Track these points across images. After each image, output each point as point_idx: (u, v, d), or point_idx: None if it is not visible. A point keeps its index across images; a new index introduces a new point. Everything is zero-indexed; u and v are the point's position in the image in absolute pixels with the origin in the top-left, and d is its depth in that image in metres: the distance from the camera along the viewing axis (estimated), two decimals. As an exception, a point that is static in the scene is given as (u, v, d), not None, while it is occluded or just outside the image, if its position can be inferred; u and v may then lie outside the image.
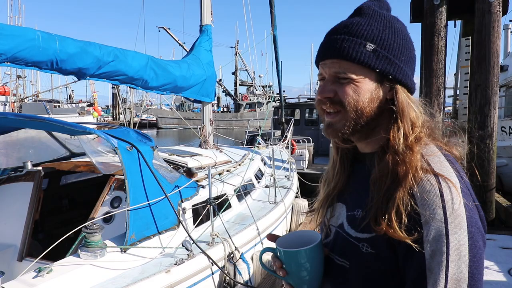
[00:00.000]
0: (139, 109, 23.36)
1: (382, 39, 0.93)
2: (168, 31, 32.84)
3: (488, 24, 6.16)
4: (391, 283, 0.89)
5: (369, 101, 0.93)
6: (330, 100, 0.95)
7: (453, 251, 0.79)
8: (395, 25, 0.96)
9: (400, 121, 0.92)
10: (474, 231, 0.82)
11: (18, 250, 3.51)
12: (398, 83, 0.95)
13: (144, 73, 4.71)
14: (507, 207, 6.78)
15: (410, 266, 0.84)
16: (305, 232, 1.07)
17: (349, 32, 0.93)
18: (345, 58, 0.92)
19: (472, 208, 0.84)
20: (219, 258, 3.64)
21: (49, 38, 3.61)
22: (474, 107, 6.40)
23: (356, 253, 0.93)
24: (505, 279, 4.14)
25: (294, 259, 0.98)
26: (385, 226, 0.84)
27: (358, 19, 0.96)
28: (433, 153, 0.90)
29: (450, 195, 0.82)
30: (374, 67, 0.92)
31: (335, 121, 0.96)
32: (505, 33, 15.97)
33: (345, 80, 0.93)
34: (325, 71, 0.97)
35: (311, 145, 12.11)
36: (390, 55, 0.93)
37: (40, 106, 31.19)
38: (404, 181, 0.85)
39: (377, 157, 0.94)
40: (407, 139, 0.90)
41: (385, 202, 0.86)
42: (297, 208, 6.70)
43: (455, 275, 0.79)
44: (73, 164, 4.18)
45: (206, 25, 6.39)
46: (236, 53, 47.33)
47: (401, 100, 0.94)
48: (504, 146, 9.85)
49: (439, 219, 0.81)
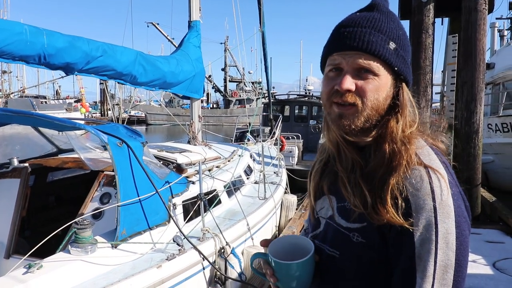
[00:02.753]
0: (128, 105, 23.13)
1: (400, 39, 0.95)
2: (157, 27, 32.52)
3: (474, 22, 6.24)
4: (381, 271, 0.91)
5: (384, 99, 0.95)
6: (349, 92, 0.94)
7: (442, 239, 0.83)
8: (402, 25, 0.99)
9: (400, 115, 0.95)
10: (461, 220, 0.86)
11: (5, 248, 3.47)
12: (405, 82, 0.98)
13: (133, 69, 4.67)
14: (493, 202, 6.92)
15: (400, 254, 0.87)
16: (298, 239, 1.08)
17: (374, 26, 0.93)
18: (371, 53, 0.92)
19: (459, 198, 0.88)
20: (210, 253, 3.65)
21: (37, 32, 3.55)
22: (461, 103, 6.50)
23: (347, 243, 0.96)
24: (491, 272, 4.24)
25: (286, 270, 1.00)
26: (383, 212, 0.87)
27: (377, 15, 0.96)
28: (422, 147, 0.93)
29: (439, 186, 0.86)
30: (394, 66, 0.94)
31: (348, 113, 0.94)
32: (492, 31, 16.23)
33: (368, 74, 0.93)
34: (346, 62, 0.94)
35: (300, 142, 12.16)
36: (406, 56, 0.96)
37: (26, 102, 30.63)
38: (398, 168, 0.88)
39: (373, 148, 0.97)
40: (404, 132, 0.94)
41: (379, 188, 0.89)
42: (287, 203, 6.74)
43: (443, 261, 0.83)
44: (61, 161, 4.14)
45: (195, 21, 6.36)
46: (225, 49, 47.13)
47: (405, 97, 0.97)
48: (490, 143, 10.02)
49: (429, 209, 0.84)
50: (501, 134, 9.77)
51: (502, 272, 4.22)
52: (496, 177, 10.59)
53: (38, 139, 4.53)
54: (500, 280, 4.02)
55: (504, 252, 4.80)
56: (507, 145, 9.75)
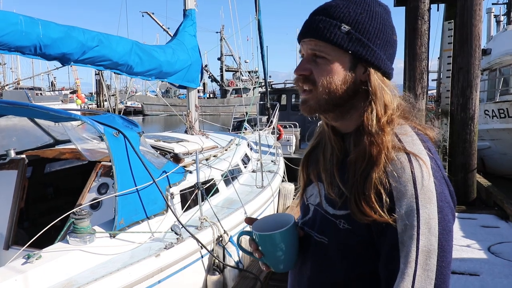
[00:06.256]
0: (124, 96, 23.03)
1: (357, 22, 0.94)
2: (152, 16, 32.25)
3: (470, 7, 6.22)
4: (368, 257, 0.92)
5: (341, 83, 0.95)
6: (305, 77, 0.98)
7: (424, 225, 0.83)
8: (374, 8, 0.96)
9: (373, 103, 0.95)
10: (444, 205, 0.86)
11: (4, 239, 3.49)
12: (371, 66, 0.96)
13: (129, 59, 4.64)
14: (488, 187, 6.97)
15: (384, 240, 0.88)
16: (280, 216, 1.11)
17: (327, 13, 0.95)
18: (319, 38, 0.94)
19: (442, 183, 0.88)
20: (208, 241, 3.69)
21: (32, 22, 3.52)
22: (457, 89, 6.51)
23: (334, 230, 0.97)
24: (486, 257, 4.29)
25: (269, 242, 1.03)
26: (368, 211, 0.87)
27: (338, 1, 0.97)
28: (406, 133, 0.93)
29: (420, 172, 0.86)
30: (346, 49, 0.93)
31: (308, 98, 0.99)
32: (488, 16, 16.16)
33: (320, 59, 0.96)
34: (303, 49, 1.00)
35: (297, 130, 12.17)
36: (364, 38, 0.94)
37: (21, 94, 30.44)
38: (378, 160, 0.88)
39: (353, 138, 0.97)
40: (380, 120, 0.93)
41: (361, 183, 0.89)
42: (284, 192, 6.78)
43: (425, 247, 0.83)
44: (58, 152, 4.14)
45: (190, 9, 6.30)
46: (221, 38, 46.82)
47: (373, 83, 0.95)
48: (487, 129, 10.07)
49: (410, 195, 0.85)
50: (498, 120, 9.81)
51: (497, 256, 4.28)
52: (493, 162, 10.67)
53: (34, 131, 4.52)
54: (495, 263, 4.08)
55: (499, 237, 4.85)
56: (503, 131, 9.80)
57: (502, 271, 3.90)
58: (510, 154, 10.05)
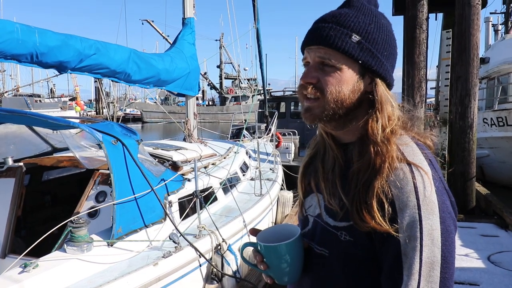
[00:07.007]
0: (123, 103, 23.01)
1: (367, 32, 0.94)
2: (152, 24, 32.41)
3: (468, 17, 6.27)
4: (369, 269, 0.91)
5: (350, 92, 0.95)
6: (312, 86, 0.97)
7: (426, 236, 0.83)
8: (381, 20, 0.98)
9: (378, 113, 0.95)
10: (446, 216, 0.86)
11: (1, 247, 3.47)
12: (378, 77, 0.96)
13: (127, 67, 4.65)
14: (487, 195, 6.96)
15: (387, 252, 0.87)
16: (286, 226, 1.09)
17: (337, 21, 0.95)
18: (330, 46, 0.94)
19: (443, 193, 0.88)
20: (207, 250, 3.66)
21: (28, 30, 3.54)
22: (455, 98, 6.53)
23: (335, 242, 0.96)
24: (485, 266, 4.26)
25: (274, 253, 1.01)
26: (369, 218, 0.86)
27: (346, 10, 0.97)
28: (406, 143, 0.93)
29: (423, 183, 0.86)
30: (357, 58, 0.94)
31: (313, 106, 0.97)
32: (486, 25, 16.28)
33: (329, 67, 0.95)
34: (310, 56, 0.98)
35: (296, 138, 12.17)
36: (374, 49, 0.95)
37: (20, 101, 30.50)
38: (382, 170, 0.88)
39: (356, 148, 0.97)
40: (384, 131, 0.93)
41: (363, 192, 0.89)
42: (283, 200, 6.76)
43: (428, 258, 0.83)
44: (56, 159, 4.13)
45: (189, 18, 6.33)
46: (221, 46, 47.05)
47: (380, 93, 0.96)
48: (486, 137, 10.08)
49: (412, 206, 0.84)
50: (496, 128, 9.83)
51: (496, 265, 4.25)
52: (492, 171, 10.67)
53: (32, 138, 4.51)
54: (495, 273, 4.05)
55: (498, 246, 4.83)
56: (502, 139, 9.81)
57: (502, 281, 3.88)
58: (509, 162, 10.06)
